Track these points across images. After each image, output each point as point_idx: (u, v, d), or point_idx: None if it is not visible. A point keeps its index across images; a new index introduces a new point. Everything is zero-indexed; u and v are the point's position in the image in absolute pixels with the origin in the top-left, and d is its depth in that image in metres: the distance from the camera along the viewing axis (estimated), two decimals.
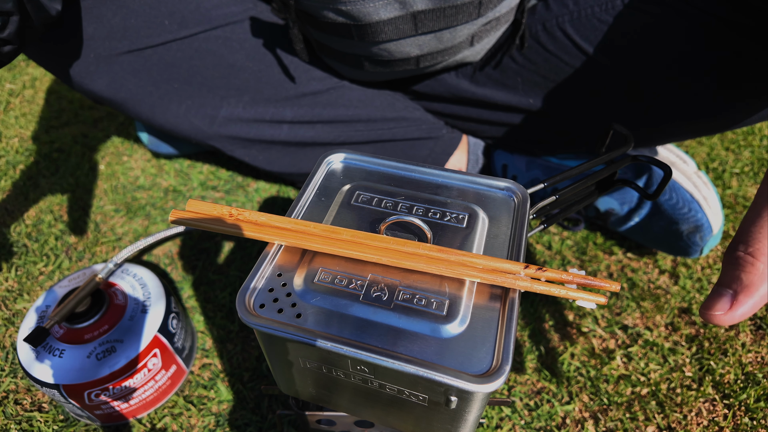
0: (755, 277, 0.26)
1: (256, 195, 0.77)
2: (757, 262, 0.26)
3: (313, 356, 0.30)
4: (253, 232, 0.32)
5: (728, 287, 0.27)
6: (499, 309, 0.29)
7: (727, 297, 0.27)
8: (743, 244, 0.27)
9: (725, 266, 0.27)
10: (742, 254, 0.26)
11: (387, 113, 0.67)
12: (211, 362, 0.56)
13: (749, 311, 0.26)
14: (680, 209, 0.59)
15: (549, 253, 0.68)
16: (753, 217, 0.27)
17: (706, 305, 0.27)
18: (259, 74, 0.62)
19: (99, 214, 0.74)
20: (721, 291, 0.27)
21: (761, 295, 0.26)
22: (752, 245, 0.26)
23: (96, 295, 0.50)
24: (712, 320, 0.27)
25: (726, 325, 0.28)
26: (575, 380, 0.54)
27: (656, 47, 0.52)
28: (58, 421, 0.52)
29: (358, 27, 0.52)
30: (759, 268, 0.26)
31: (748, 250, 0.26)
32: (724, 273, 0.27)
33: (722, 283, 0.27)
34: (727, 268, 0.27)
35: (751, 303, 0.26)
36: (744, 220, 0.27)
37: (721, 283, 0.27)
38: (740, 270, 0.26)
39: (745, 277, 0.26)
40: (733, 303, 0.26)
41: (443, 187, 0.38)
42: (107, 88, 0.60)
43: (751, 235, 0.26)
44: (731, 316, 0.26)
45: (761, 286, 0.26)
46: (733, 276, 0.27)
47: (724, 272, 0.27)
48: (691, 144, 0.85)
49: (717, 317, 0.27)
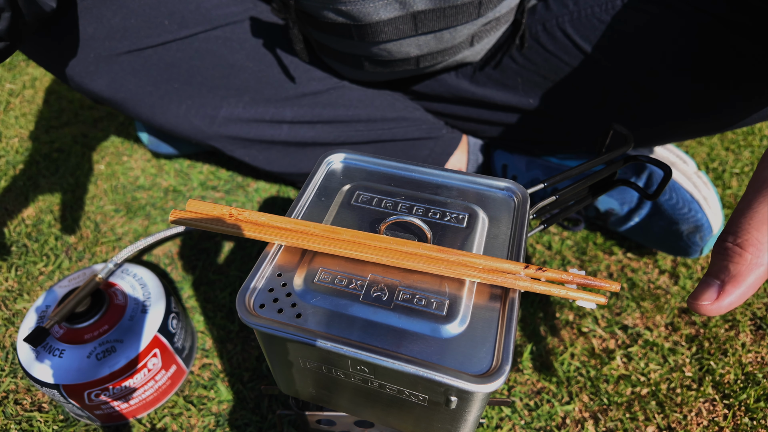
0: (743, 268, 0.26)
1: (256, 195, 0.77)
2: (744, 252, 0.26)
3: (313, 356, 0.30)
4: (253, 232, 0.32)
5: (716, 277, 0.27)
6: (499, 309, 0.29)
7: (714, 287, 0.27)
8: (732, 235, 0.27)
9: (713, 257, 0.28)
10: (730, 245, 0.27)
11: (387, 113, 0.67)
12: (211, 362, 0.56)
13: (736, 301, 0.26)
14: (680, 209, 0.59)
15: (549, 253, 0.68)
16: (742, 209, 0.27)
17: (694, 295, 0.28)
18: (259, 74, 0.63)
19: (99, 214, 0.74)
20: (708, 281, 0.27)
21: (748, 284, 0.26)
22: (741, 236, 0.26)
23: (96, 295, 0.50)
24: (699, 310, 0.27)
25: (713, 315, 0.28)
26: (575, 380, 0.54)
27: (656, 47, 0.52)
28: (58, 421, 0.52)
29: (358, 27, 0.52)
30: (747, 259, 0.26)
31: (737, 241, 0.26)
32: (713, 263, 0.27)
33: (710, 273, 0.27)
34: (715, 259, 0.27)
35: (738, 293, 0.26)
36: (734, 211, 0.28)
37: (709, 273, 0.27)
38: (728, 260, 0.26)
39: (733, 268, 0.26)
40: (720, 293, 0.26)
41: (443, 187, 0.38)
42: (107, 88, 0.60)
43: (740, 226, 0.27)
44: (718, 306, 0.27)
45: (748, 277, 0.26)
46: (721, 266, 0.27)
47: (712, 263, 0.28)
48: (691, 144, 0.86)
49: (704, 307, 0.27)
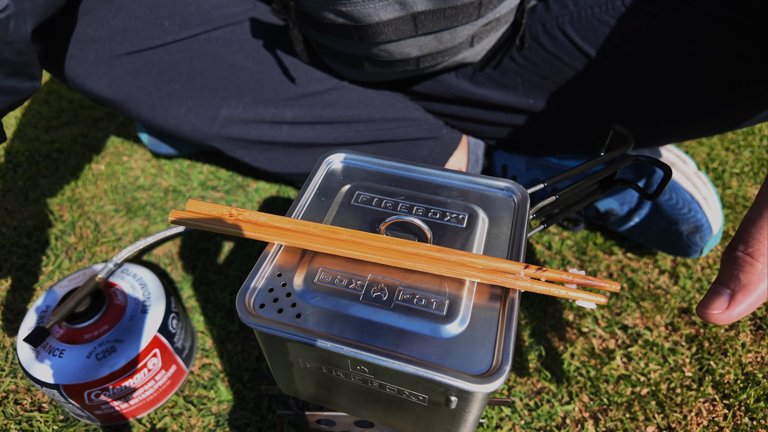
0: (754, 277, 0.26)
1: (256, 195, 0.77)
2: (756, 262, 0.26)
3: (313, 356, 0.30)
4: (253, 232, 0.32)
5: (726, 286, 0.27)
6: (499, 309, 0.29)
7: (724, 296, 0.27)
8: (743, 244, 0.27)
9: (724, 265, 0.28)
10: (741, 254, 0.26)
11: (387, 113, 0.67)
12: (211, 362, 0.56)
13: (746, 311, 0.26)
14: (680, 209, 0.59)
15: (549, 253, 0.68)
16: (753, 217, 0.27)
17: (704, 303, 0.27)
18: (259, 75, 0.63)
19: (99, 214, 0.74)
20: (718, 290, 0.27)
21: (759, 294, 0.26)
22: (752, 245, 0.26)
23: (96, 295, 0.50)
24: (709, 319, 0.27)
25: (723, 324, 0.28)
26: (575, 380, 0.54)
27: (656, 48, 0.52)
28: (58, 421, 0.52)
29: (358, 28, 0.52)
30: (758, 268, 0.26)
31: (748, 250, 0.26)
32: (723, 272, 0.27)
33: (720, 281, 0.27)
34: (725, 267, 0.27)
35: (749, 302, 0.26)
36: (744, 219, 0.27)
37: (719, 281, 0.27)
38: (739, 269, 0.26)
39: (744, 277, 0.26)
40: (731, 302, 0.26)
41: (443, 187, 0.38)
42: (108, 89, 0.60)
43: (751, 235, 0.26)
44: (728, 315, 0.27)
45: (759, 286, 0.26)
46: (732, 275, 0.27)
47: (722, 271, 0.27)
48: (691, 144, 0.86)
49: (714, 316, 0.27)
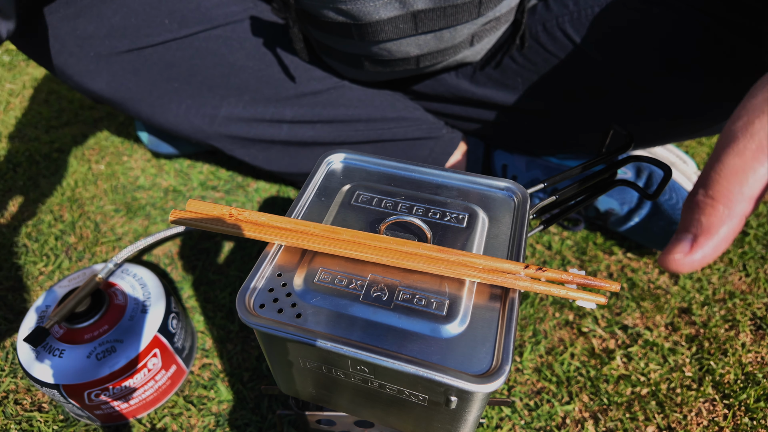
0: (715, 219, 0.25)
1: (256, 195, 0.77)
2: (716, 203, 0.25)
3: (313, 356, 0.30)
4: (253, 232, 0.32)
5: (688, 231, 0.26)
6: (499, 309, 0.29)
7: (686, 241, 0.26)
8: (702, 188, 0.25)
9: (684, 213, 0.26)
10: (701, 198, 0.25)
11: (387, 113, 0.67)
12: (211, 362, 0.56)
13: (710, 254, 0.25)
14: (680, 209, 0.59)
15: (549, 253, 0.68)
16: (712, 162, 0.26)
17: (666, 250, 0.26)
18: (259, 74, 0.62)
19: (99, 214, 0.74)
20: (679, 236, 0.26)
21: (721, 237, 0.25)
22: (711, 188, 0.25)
23: (96, 295, 0.50)
24: (670, 265, 0.26)
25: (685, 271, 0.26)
26: (575, 380, 0.54)
27: (656, 47, 0.52)
28: (58, 421, 0.52)
29: (358, 26, 0.51)
30: (719, 210, 0.25)
31: (708, 193, 0.25)
32: (683, 219, 0.26)
33: (681, 228, 0.26)
34: (686, 214, 0.26)
35: (712, 245, 0.25)
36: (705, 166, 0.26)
37: (680, 229, 0.26)
38: (699, 213, 0.25)
39: (705, 220, 0.25)
40: (693, 245, 0.25)
41: (443, 187, 0.38)
42: (107, 87, 0.60)
43: (711, 178, 0.25)
44: (691, 259, 0.25)
45: (721, 228, 0.25)
46: (693, 219, 0.25)
47: (683, 219, 0.26)
48: (691, 144, 0.85)
49: (676, 261, 0.26)
